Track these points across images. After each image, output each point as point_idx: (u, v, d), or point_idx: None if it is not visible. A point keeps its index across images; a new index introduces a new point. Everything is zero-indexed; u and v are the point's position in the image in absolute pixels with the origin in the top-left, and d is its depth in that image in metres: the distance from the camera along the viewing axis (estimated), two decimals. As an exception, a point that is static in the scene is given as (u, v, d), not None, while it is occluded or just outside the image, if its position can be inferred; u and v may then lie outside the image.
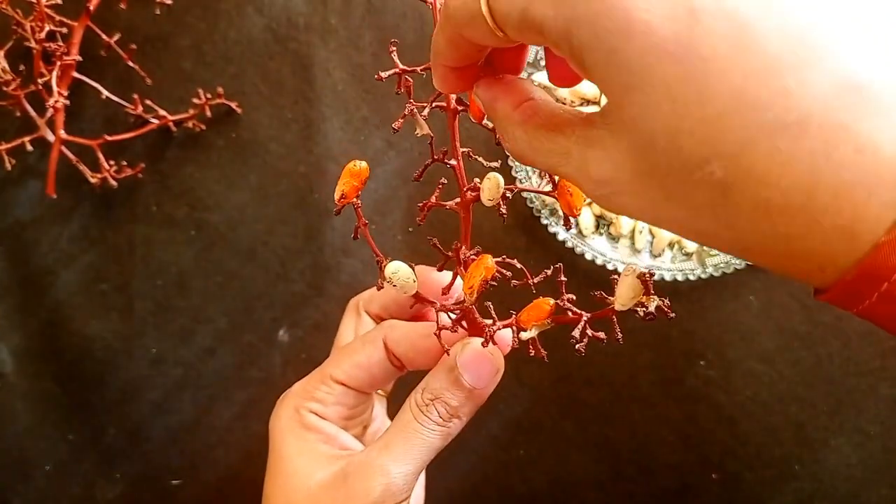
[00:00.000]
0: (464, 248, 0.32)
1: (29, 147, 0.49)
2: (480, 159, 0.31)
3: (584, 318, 0.30)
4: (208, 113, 0.51)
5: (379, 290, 0.32)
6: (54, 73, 0.48)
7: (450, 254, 0.31)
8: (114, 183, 0.50)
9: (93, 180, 0.50)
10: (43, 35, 0.47)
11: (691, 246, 0.50)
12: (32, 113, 0.49)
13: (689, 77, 0.19)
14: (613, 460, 0.52)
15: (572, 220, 0.51)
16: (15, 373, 0.53)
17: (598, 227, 0.50)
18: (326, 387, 0.35)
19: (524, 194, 0.50)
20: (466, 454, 0.52)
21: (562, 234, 0.50)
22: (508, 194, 0.31)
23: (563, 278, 0.31)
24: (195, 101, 0.51)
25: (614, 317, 0.29)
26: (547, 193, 0.31)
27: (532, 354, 0.31)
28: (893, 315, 0.21)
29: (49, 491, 0.54)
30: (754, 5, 0.19)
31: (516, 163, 0.50)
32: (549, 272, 0.31)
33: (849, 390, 0.51)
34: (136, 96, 0.50)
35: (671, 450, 0.52)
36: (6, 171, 0.50)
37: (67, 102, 0.49)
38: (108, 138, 0.50)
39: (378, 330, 0.35)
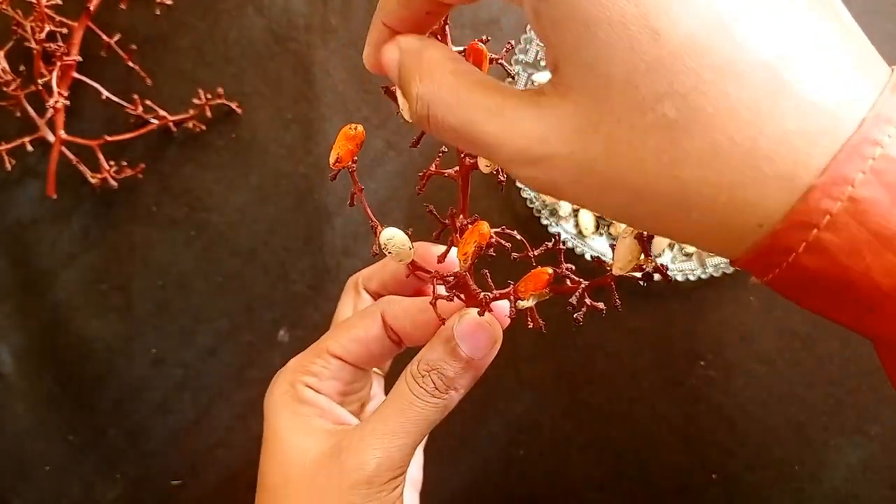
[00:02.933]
0: (461, 216, 0.31)
1: (29, 147, 0.49)
2: None
3: (582, 286, 0.29)
4: (208, 113, 0.51)
5: (374, 256, 0.32)
6: (54, 74, 0.48)
7: (446, 221, 0.30)
8: (114, 183, 0.50)
9: (93, 180, 0.50)
10: (43, 35, 0.47)
11: (691, 246, 0.50)
12: (32, 113, 0.49)
13: (646, 17, 0.19)
14: (613, 460, 0.52)
15: (572, 220, 0.51)
16: (15, 373, 0.53)
17: (597, 227, 0.50)
18: (323, 360, 0.34)
19: (524, 194, 0.50)
20: (466, 454, 0.52)
21: (562, 235, 0.50)
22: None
23: (561, 246, 0.30)
24: (195, 101, 0.51)
25: (612, 283, 0.29)
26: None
27: (530, 326, 0.31)
28: (819, 272, 0.20)
29: (49, 491, 0.54)
30: None
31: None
32: (549, 244, 0.30)
33: (849, 391, 0.51)
34: (136, 96, 0.50)
35: (671, 450, 0.52)
36: (6, 172, 0.50)
37: (67, 103, 0.49)
38: (108, 138, 0.50)
39: (376, 305, 0.35)
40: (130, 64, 0.50)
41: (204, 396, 0.53)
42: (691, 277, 0.49)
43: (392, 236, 0.30)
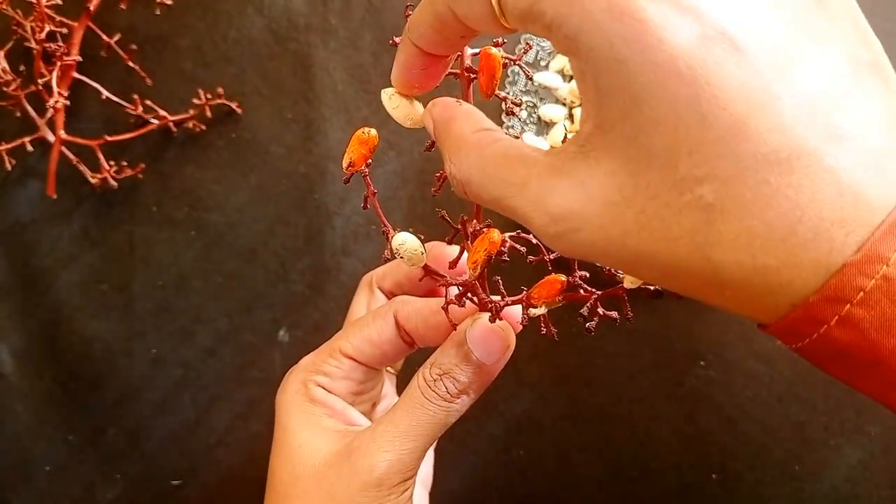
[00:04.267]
0: (474, 221, 0.31)
1: (29, 147, 0.49)
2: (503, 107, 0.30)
3: (595, 296, 0.29)
4: (208, 113, 0.51)
5: (385, 261, 0.32)
6: (54, 74, 0.48)
7: (458, 227, 0.30)
8: (114, 183, 0.50)
9: (93, 180, 0.50)
10: (43, 35, 0.47)
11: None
12: (32, 113, 0.49)
13: (695, 99, 0.20)
14: (613, 460, 0.52)
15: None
16: (15, 373, 0.53)
17: (598, 227, 0.50)
18: (335, 360, 0.34)
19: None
20: (466, 454, 0.52)
21: (562, 235, 0.50)
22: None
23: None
24: (195, 101, 0.51)
25: (625, 295, 0.29)
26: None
27: (543, 332, 0.30)
28: (849, 346, 0.21)
29: (49, 491, 0.54)
30: (764, 56, 0.20)
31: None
32: None
33: (849, 391, 0.50)
34: (136, 96, 0.50)
35: (671, 450, 0.52)
36: (6, 172, 0.50)
37: (67, 103, 0.49)
38: (108, 138, 0.50)
39: (389, 305, 0.35)
40: (130, 64, 0.50)
41: (204, 396, 0.53)
42: (691, 277, 0.49)
43: (404, 241, 0.30)
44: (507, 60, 0.29)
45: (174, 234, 0.52)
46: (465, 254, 0.31)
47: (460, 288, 0.30)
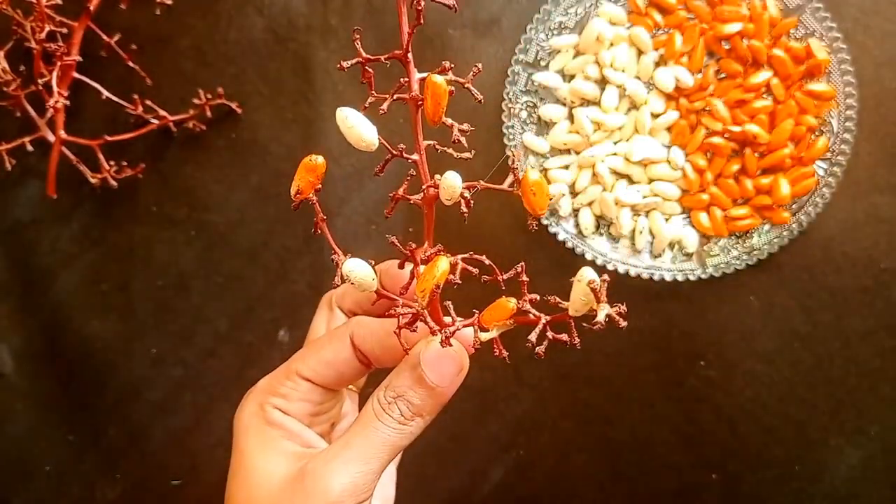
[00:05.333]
0: (425, 245, 0.31)
1: (29, 147, 0.49)
2: (450, 150, 0.29)
3: (543, 322, 0.29)
4: (208, 113, 0.51)
5: (335, 287, 0.32)
6: (54, 74, 0.48)
7: (407, 252, 0.30)
8: (114, 183, 0.50)
9: (93, 180, 0.50)
10: (43, 35, 0.47)
11: (691, 246, 0.50)
12: (33, 113, 0.49)
13: None
14: (613, 460, 0.52)
15: (572, 220, 0.51)
16: (15, 373, 0.53)
17: (598, 227, 0.50)
18: (292, 382, 0.34)
19: (524, 194, 0.50)
20: (466, 454, 0.52)
21: (562, 235, 0.50)
22: (467, 193, 0.29)
23: (524, 278, 0.30)
24: (195, 101, 0.51)
25: (571, 321, 0.29)
26: (507, 190, 0.30)
27: (496, 354, 0.31)
28: None
29: (49, 491, 0.54)
30: None
31: (517, 163, 0.50)
32: (518, 269, 0.30)
33: (849, 391, 0.51)
34: (136, 96, 0.50)
35: (671, 450, 0.52)
36: (6, 172, 0.50)
37: (67, 103, 0.49)
38: (109, 138, 0.50)
39: (346, 326, 0.35)
40: (130, 64, 0.50)
41: (204, 396, 0.53)
42: (691, 277, 0.49)
43: (353, 268, 0.30)
44: (451, 87, 0.29)
45: (174, 234, 0.53)
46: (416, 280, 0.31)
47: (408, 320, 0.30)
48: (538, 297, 0.30)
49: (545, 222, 0.50)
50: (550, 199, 0.29)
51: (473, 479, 0.53)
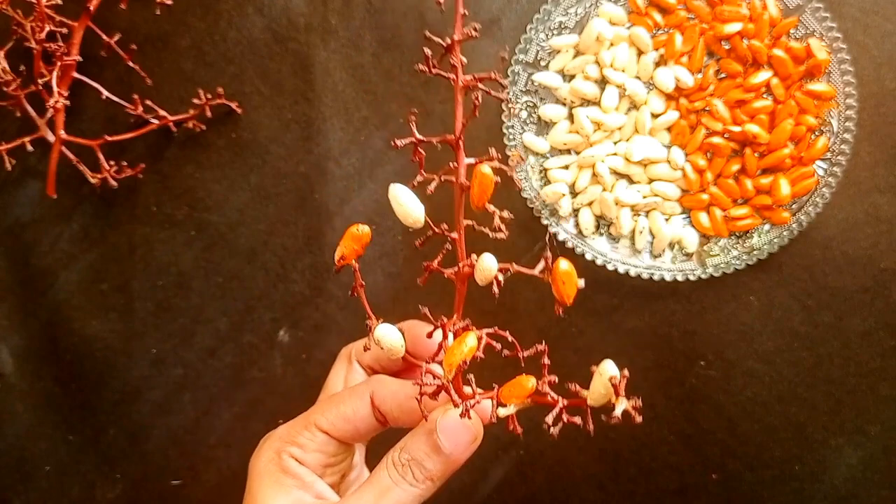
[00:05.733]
0: (455, 317, 0.32)
1: (29, 147, 0.49)
2: (486, 230, 0.31)
3: (560, 405, 0.31)
4: (208, 113, 0.51)
5: (366, 350, 0.33)
6: (54, 74, 0.48)
7: (438, 324, 0.31)
8: (114, 183, 0.50)
9: (93, 180, 0.50)
10: (43, 35, 0.47)
11: (691, 246, 0.50)
12: (33, 113, 0.49)
13: None
14: (613, 460, 0.52)
15: (572, 220, 0.51)
16: (15, 373, 0.53)
17: (598, 227, 0.50)
18: (310, 433, 0.35)
19: (524, 194, 0.50)
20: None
21: (562, 235, 0.50)
22: (500, 277, 0.31)
23: (546, 361, 0.31)
24: (195, 101, 0.51)
25: (587, 408, 0.30)
26: (538, 276, 0.31)
27: (511, 429, 0.32)
28: None
29: (49, 491, 0.54)
30: None
31: (517, 163, 0.50)
32: (540, 346, 0.31)
33: (849, 391, 0.51)
34: (136, 96, 0.50)
35: (671, 450, 0.52)
36: (6, 172, 0.50)
37: (67, 102, 0.49)
38: (109, 138, 0.50)
39: (366, 384, 0.36)
40: (130, 64, 0.50)
41: (204, 396, 0.53)
42: (691, 277, 0.49)
43: (385, 334, 0.32)
44: (497, 177, 0.30)
45: (174, 234, 0.53)
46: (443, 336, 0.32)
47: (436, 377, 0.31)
48: (556, 380, 0.31)
49: (545, 222, 0.50)
50: (578, 283, 0.31)
51: (473, 479, 0.53)
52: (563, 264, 0.30)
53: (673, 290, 0.51)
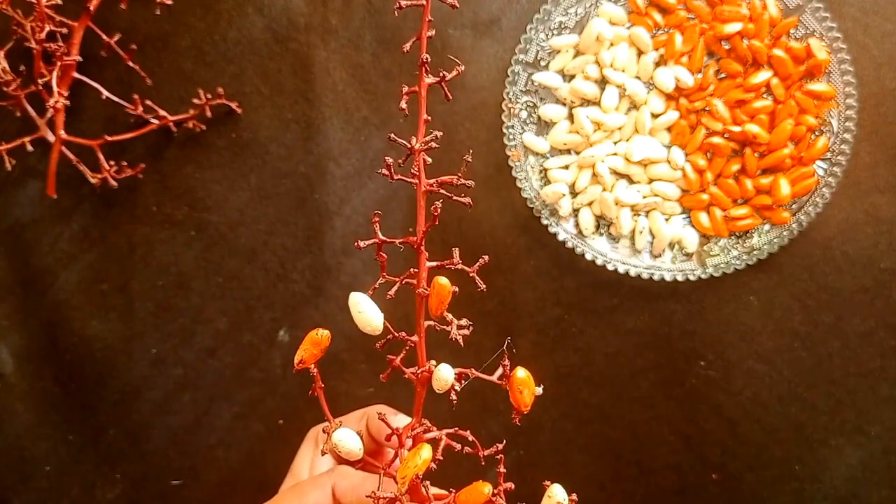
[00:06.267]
0: (413, 422, 0.32)
1: (29, 147, 0.49)
2: (451, 330, 0.31)
3: None
4: (208, 113, 0.51)
5: (323, 454, 0.34)
6: (54, 74, 0.48)
7: (394, 430, 0.32)
8: (114, 183, 0.50)
9: (93, 180, 0.50)
10: (43, 35, 0.47)
11: (691, 246, 0.50)
12: (32, 113, 0.49)
13: None
14: (613, 460, 0.52)
15: (572, 220, 0.51)
16: (15, 373, 0.53)
17: (598, 227, 0.50)
18: None
19: (524, 194, 0.50)
20: (466, 454, 0.52)
21: (562, 235, 0.50)
22: (457, 386, 0.31)
23: (502, 469, 0.33)
24: (195, 101, 0.51)
25: None
26: (497, 382, 0.31)
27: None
28: None
29: (49, 491, 0.54)
30: None
31: (516, 163, 0.50)
32: (499, 447, 0.33)
33: (849, 391, 0.51)
34: (136, 96, 0.50)
35: (671, 450, 0.52)
36: (6, 172, 0.50)
37: (67, 102, 0.49)
38: (109, 138, 0.50)
39: (329, 476, 0.36)
40: (130, 64, 0.50)
41: (204, 396, 0.53)
42: (691, 277, 0.49)
43: (341, 439, 0.32)
44: (455, 289, 0.31)
45: (174, 234, 0.53)
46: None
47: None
48: (513, 487, 0.32)
49: (545, 223, 0.50)
50: (535, 391, 0.32)
51: (474, 480, 0.53)
52: (521, 372, 0.31)
53: (673, 290, 0.51)
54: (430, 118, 0.30)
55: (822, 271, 0.50)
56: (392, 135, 0.30)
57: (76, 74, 0.49)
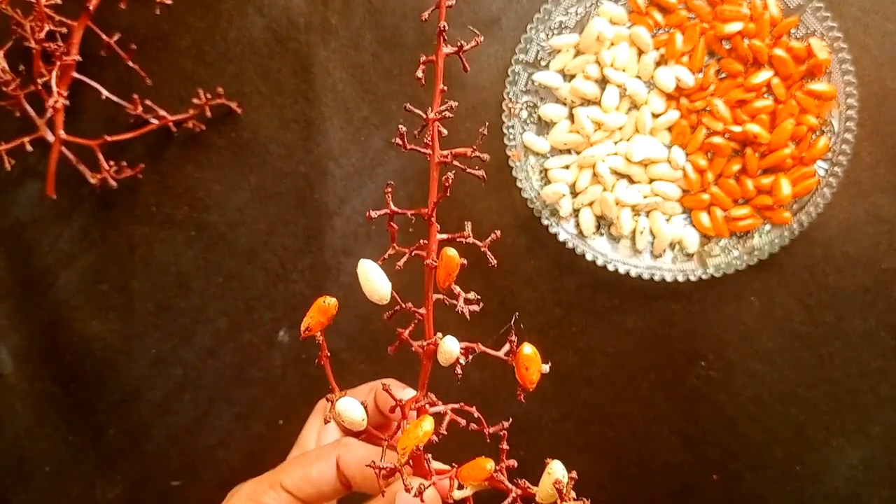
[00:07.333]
0: (418, 395, 0.32)
1: (29, 147, 0.49)
2: (457, 304, 0.31)
3: (514, 494, 0.31)
4: (208, 113, 0.51)
5: (326, 423, 0.33)
6: (54, 73, 0.48)
7: (398, 402, 0.32)
8: (114, 183, 0.50)
9: (93, 180, 0.50)
10: (43, 35, 0.47)
11: (692, 246, 0.50)
12: (32, 113, 0.49)
13: None
14: (613, 460, 0.52)
15: (573, 220, 0.51)
16: (15, 373, 0.53)
17: (598, 227, 0.50)
18: (275, 492, 0.36)
19: (524, 194, 0.50)
20: (466, 454, 0.52)
21: (562, 235, 0.50)
22: (462, 360, 0.31)
23: (505, 446, 0.32)
24: (195, 101, 0.51)
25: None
26: (503, 357, 0.31)
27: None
28: None
29: (49, 491, 0.54)
30: None
31: (516, 163, 0.50)
32: (505, 425, 0.32)
33: (850, 391, 0.50)
34: (136, 96, 0.50)
35: (671, 450, 0.52)
36: (6, 172, 0.50)
37: (67, 102, 0.49)
38: (108, 138, 0.50)
39: (334, 447, 0.36)
40: (130, 64, 0.50)
41: (204, 396, 0.53)
42: (691, 277, 0.49)
43: (345, 409, 0.32)
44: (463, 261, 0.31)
45: (174, 234, 0.52)
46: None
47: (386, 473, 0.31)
48: (516, 464, 0.32)
49: (545, 223, 0.50)
50: (542, 368, 0.32)
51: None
52: (527, 349, 0.31)
53: (673, 291, 0.51)
54: (445, 88, 0.30)
55: (823, 271, 0.50)
56: (408, 105, 0.30)
57: (76, 74, 0.49)
